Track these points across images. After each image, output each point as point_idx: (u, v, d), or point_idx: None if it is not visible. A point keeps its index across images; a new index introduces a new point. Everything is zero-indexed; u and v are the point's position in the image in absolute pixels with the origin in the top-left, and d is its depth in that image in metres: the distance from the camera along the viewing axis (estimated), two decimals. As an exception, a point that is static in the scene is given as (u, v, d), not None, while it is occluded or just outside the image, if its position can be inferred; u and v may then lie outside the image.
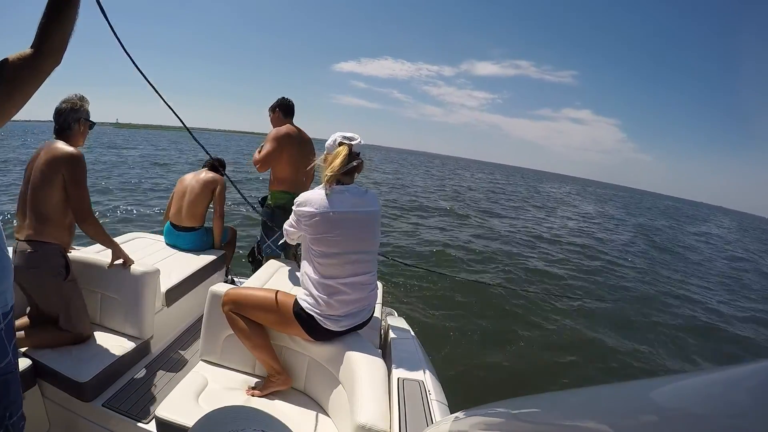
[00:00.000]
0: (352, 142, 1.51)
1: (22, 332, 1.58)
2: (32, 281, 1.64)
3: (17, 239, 1.63)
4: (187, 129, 2.18)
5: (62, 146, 1.65)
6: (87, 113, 1.75)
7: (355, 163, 1.50)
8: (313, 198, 1.45)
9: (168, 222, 2.70)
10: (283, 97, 2.66)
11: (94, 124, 1.81)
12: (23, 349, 1.58)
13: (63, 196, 1.65)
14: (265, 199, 2.65)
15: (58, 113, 1.69)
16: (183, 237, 2.64)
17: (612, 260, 8.62)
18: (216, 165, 2.74)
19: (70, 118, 1.70)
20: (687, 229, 21.07)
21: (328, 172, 1.47)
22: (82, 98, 1.74)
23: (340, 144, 1.51)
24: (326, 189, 1.46)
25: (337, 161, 1.47)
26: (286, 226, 1.64)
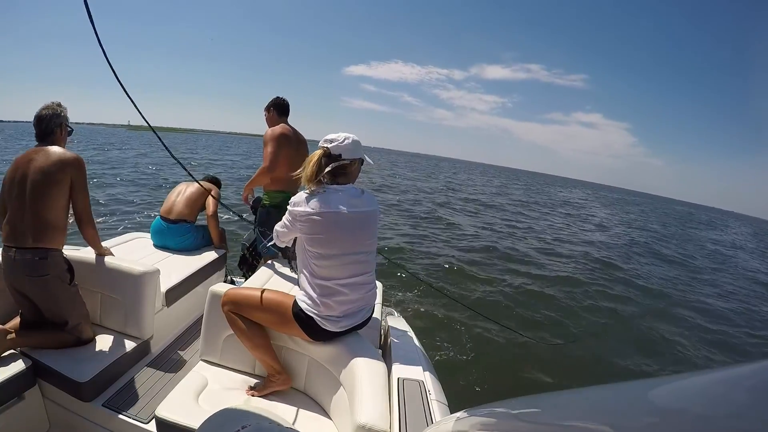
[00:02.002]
0: (330, 145, 1.47)
1: (13, 334, 1.57)
2: (40, 290, 1.61)
3: (9, 246, 1.58)
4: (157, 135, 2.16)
5: (63, 150, 1.66)
6: (67, 119, 1.77)
7: (330, 168, 1.44)
8: (308, 198, 1.43)
9: (158, 218, 2.65)
10: (278, 97, 2.63)
11: (72, 129, 1.82)
12: (23, 349, 1.58)
13: (67, 199, 1.66)
14: (259, 199, 2.62)
15: (40, 120, 1.70)
16: (172, 230, 2.58)
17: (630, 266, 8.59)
18: (214, 179, 3.12)
19: (53, 124, 1.71)
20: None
21: (303, 181, 1.45)
22: (60, 104, 1.76)
23: (321, 147, 1.49)
24: (319, 189, 1.43)
25: (309, 168, 1.45)
26: (277, 227, 1.60)
